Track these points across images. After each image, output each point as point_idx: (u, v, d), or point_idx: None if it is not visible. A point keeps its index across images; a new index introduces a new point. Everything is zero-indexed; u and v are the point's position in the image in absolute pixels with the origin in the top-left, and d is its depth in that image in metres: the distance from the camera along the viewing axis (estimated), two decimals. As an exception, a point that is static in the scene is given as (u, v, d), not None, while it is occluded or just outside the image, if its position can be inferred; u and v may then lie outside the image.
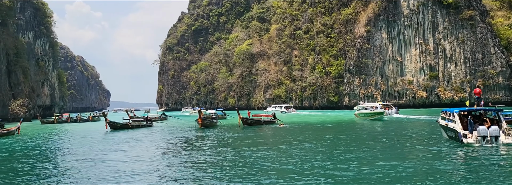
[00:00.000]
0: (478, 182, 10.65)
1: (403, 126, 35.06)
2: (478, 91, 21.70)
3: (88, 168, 14.84)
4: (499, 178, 11.12)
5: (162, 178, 12.65)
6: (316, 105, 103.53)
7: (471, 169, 12.71)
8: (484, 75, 78.51)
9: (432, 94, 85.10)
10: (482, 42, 79.90)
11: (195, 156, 17.68)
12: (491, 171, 12.28)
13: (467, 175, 11.72)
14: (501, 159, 14.72)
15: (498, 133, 18.00)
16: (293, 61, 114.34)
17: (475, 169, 12.73)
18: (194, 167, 14.57)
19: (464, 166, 13.38)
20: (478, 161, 14.19)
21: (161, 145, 23.49)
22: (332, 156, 16.29)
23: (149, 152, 20.02)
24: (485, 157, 14.95)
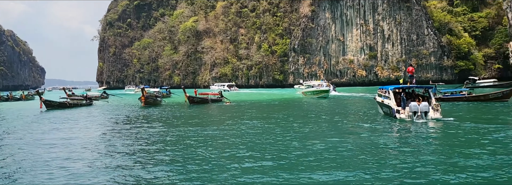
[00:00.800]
0: (409, 154, 11.52)
1: (344, 103, 36.63)
2: (411, 70, 23.10)
3: (20, 154, 14.09)
4: (427, 149, 12.11)
5: (102, 161, 12.36)
6: (262, 83, 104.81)
7: (402, 142, 13.70)
8: (418, 55, 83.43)
9: (371, 73, 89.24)
10: (417, 24, 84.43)
11: (137, 135, 17.38)
12: (420, 143, 13.32)
13: (399, 148, 12.63)
14: (429, 132, 15.97)
15: (427, 109, 19.37)
16: (239, 39, 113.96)
17: (406, 141, 13.74)
18: (136, 149, 14.35)
19: (397, 140, 14.37)
20: (409, 135, 15.30)
21: (101, 125, 22.77)
22: (279, 133, 16.75)
23: (88, 133, 19.35)
24: (415, 131, 16.14)
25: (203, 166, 10.68)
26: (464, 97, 32.11)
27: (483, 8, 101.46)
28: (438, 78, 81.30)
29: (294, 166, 10.27)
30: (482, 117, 20.88)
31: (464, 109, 26.02)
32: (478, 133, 15.05)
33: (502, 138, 13.69)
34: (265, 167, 10.27)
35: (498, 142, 12.94)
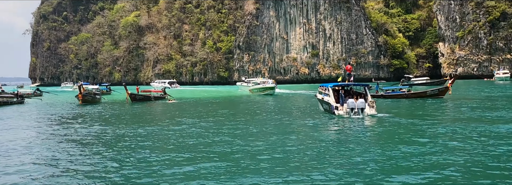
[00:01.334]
0: (345, 149, 12.06)
1: (288, 100, 37.42)
2: (349, 69, 24.13)
3: None
4: (364, 143, 12.75)
5: (34, 163, 11.67)
6: (207, 80, 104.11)
7: (341, 137, 14.29)
8: (357, 54, 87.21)
9: (313, 71, 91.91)
10: (356, 24, 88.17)
11: (72, 136, 16.59)
12: (357, 138, 13.98)
13: (338, 143, 13.17)
14: (365, 127, 16.80)
15: (364, 105, 20.35)
16: (183, 35, 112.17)
17: (345, 137, 14.35)
18: (69, 151, 13.70)
19: (336, 135, 14.96)
20: (347, 130, 16.01)
21: (32, 125, 21.43)
22: (223, 131, 16.76)
23: (18, 134, 18.14)
24: (353, 127, 16.91)
25: (142, 168, 10.43)
26: (405, 94, 34.02)
27: (415, 10, 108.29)
28: (375, 76, 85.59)
29: (237, 167, 10.35)
30: (414, 113, 22.31)
31: (402, 105, 27.63)
32: (408, 127, 16.08)
33: (430, 132, 14.74)
34: (208, 168, 10.25)
35: (425, 135, 13.92)
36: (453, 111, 22.74)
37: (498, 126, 15.63)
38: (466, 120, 18.11)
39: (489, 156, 10.44)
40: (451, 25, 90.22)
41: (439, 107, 25.46)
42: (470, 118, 19.14)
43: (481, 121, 17.45)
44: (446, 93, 32.57)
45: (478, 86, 51.04)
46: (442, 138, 13.49)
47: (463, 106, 25.44)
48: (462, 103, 27.62)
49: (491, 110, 22.26)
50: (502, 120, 17.55)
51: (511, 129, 14.92)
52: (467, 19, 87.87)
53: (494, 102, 27.86)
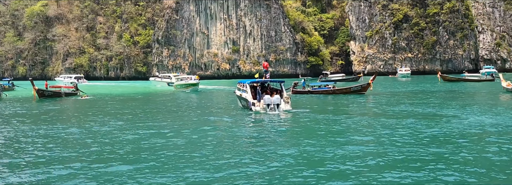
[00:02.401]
0: (262, 143, 12.57)
1: (209, 96, 37.48)
2: (266, 65, 24.95)
3: None
4: (277, 137, 13.38)
5: None
6: (124, 75, 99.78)
7: (257, 132, 14.82)
8: (276, 50, 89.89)
9: (234, 66, 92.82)
10: (275, 21, 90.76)
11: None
12: (270, 132, 14.62)
13: (254, 137, 13.66)
14: (279, 123, 17.59)
15: (279, 101, 21.21)
16: (97, 28, 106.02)
17: (261, 131, 14.91)
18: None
19: (252, 130, 15.48)
20: (262, 125, 16.64)
21: None
22: (139, 129, 16.38)
23: None
24: (268, 122, 17.60)
25: (50, 172, 9.91)
26: (330, 90, 35.58)
27: (330, 10, 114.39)
28: (293, 73, 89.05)
29: (156, 166, 10.29)
30: (331, 108, 23.83)
31: (326, 101, 29.22)
32: (321, 121, 17.17)
33: (341, 125, 15.92)
34: (126, 170, 10.05)
35: (335, 128, 15.01)
36: (369, 106, 24.72)
37: (403, 120, 17.36)
38: (377, 114, 19.81)
39: (395, 147, 11.63)
40: (361, 25, 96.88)
41: (357, 102, 27.49)
42: (380, 112, 20.96)
43: (388, 115, 19.21)
44: (367, 89, 34.74)
45: (385, 82, 55.63)
46: (351, 131, 14.67)
47: (379, 100, 27.85)
48: (380, 97, 30.22)
49: (399, 104, 24.57)
50: (405, 114, 19.50)
51: (413, 122, 16.66)
52: (375, 20, 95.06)
53: (401, 96, 30.78)
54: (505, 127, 14.82)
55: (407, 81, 60.02)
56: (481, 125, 15.32)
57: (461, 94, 33.15)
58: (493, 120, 16.54)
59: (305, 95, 35.11)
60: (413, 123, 16.13)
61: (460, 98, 28.89)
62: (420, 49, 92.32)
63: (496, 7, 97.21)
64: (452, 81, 53.64)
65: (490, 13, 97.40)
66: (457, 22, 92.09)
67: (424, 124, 15.91)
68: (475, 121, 16.51)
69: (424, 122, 16.34)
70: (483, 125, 15.30)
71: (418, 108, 21.91)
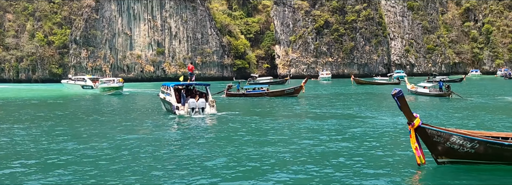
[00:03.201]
0: (183, 147, 12.23)
1: (133, 100, 35.88)
2: (191, 68, 24.52)
3: None
4: (198, 141, 13.12)
5: None
6: (36, 77, 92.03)
7: (180, 137, 14.42)
8: (202, 53, 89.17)
9: (159, 69, 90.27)
10: (202, 24, 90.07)
11: None
12: (194, 136, 14.31)
13: (176, 141, 13.25)
14: (203, 127, 17.33)
15: (204, 105, 20.95)
16: (6, 26, 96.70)
17: (184, 136, 14.54)
18: None
19: (175, 135, 15.03)
20: (185, 129, 16.25)
21: None
22: (55, 136, 15.10)
23: None
24: (192, 125, 17.25)
25: None
26: (265, 92, 35.82)
27: (255, 14, 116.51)
28: (220, 76, 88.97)
29: (67, 174, 9.50)
30: (256, 110, 24.00)
31: (258, 103, 29.32)
32: (244, 124, 17.22)
33: (264, 128, 16.08)
34: (33, 178, 9.13)
35: (257, 131, 15.14)
36: (296, 107, 25.29)
37: (325, 121, 18.00)
38: (300, 115, 20.34)
39: (312, 147, 11.96)
40: (285, 30, 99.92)
41: (288, 104, 28.16)
42: (305, 113, 21.56)
43: (311, 116, 19.84)
44: (300, 91, 35.78)
45: (309, 85, 57.68)
46: (271, 132, 14.88)
47: (307, 102, 28.81)
48: (309, 99, 31.25)
49: (323, 106, 25.51)
50: (328, 115, 20.28)
51: (335, 123, 17.34)
52: (298, 26, 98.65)
53: (323, 98, 32.07)
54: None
55: (328, 84, 63.06)
56: (393, 125, 16.46)
57: (375, 96, 35.58)
58: (402, 120, 17.87)
59: (239, 97, 35.17)
60: (335, 124, 16.84)
61: (374, 99, 30.95)
62: (340, 54, 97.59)
63: (405, 16, 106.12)
64: (363, 84, 57.69)
65: (400, 22, 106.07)
66: (372, 29, 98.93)
67: (345, 124, 16.69)
68: (388, 121, 17.71)
69: (344, 123, 17.14)
70: (396, 125, 16.45)
71: (339, 110, 23.00)
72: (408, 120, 8.94)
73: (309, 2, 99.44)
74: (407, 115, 8.85)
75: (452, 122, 17.63)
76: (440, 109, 23.40)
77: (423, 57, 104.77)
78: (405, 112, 8.76)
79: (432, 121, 17.95)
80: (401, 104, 8.57)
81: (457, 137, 9.10)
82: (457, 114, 20.57)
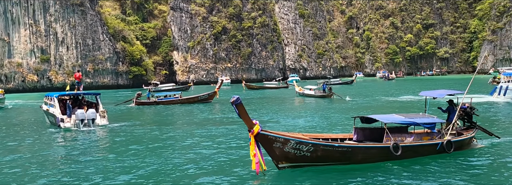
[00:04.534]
0: (65, 164, 11.22)
1: (13, 113, 32.00)
2: (78, 76, 22.76)
3: None
4: (82, 156, 12.18)
5: None
6: None
7: (66, 152, 13.22)
8: (94, 60, 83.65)
9: (44, 78, 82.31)
10: (92, 29, 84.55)
11: None
12: (81, 151, 13.25)
13: (57, 159, 12.11)
14: (94, 139, 16.17)
15: (95, 116, 19.59)
16: None
17: (69, 151, 13.35)
18: None
19: (57, 151, 13.73)
20: (73, 144, 14.96)
21: None
22: None
23: None
24: (80, 139, 15.98)
25: None
26: (178, 99, 34.65)
27: (151, 19, 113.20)
28: (114, 84, 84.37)
29: None
30: (155, 119, 23.14)
31: (159, 111, 28.04)
32: (136, 136, 16.49)
33: (157, 138, 15.55)
34: None
35: (149, 141, 14.60)
36: (203, 114, 24.86)
37: (223, 127, 18.03)
38: (202, 123, 20.09)
39: (201, 156, 11.88)
40: (183, 36, 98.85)
41: (197, 110, 27.75)
42: (207, 119, 21.35)
43: (212, 122, 19.72)
44: (214, 97, 35.38)
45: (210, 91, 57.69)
46: (165, 142, 14.48)
47: (220, 108, 28.69)
48: (224, 105, 31.18)
49: (223, 111, 25.57)
50: (225, 121, 20.38)
51: (235, 128, 17.46)
52: (196, 31, 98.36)
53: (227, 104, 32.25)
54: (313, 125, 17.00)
55: (228, 90, 63.84)
56: (294, 125, 17.23)
57: (271, 99, 37.03)
58: (303, 121, 18.83)
59: (150, 105, 33.63)
60: (234, 129, 17.01)
61: (272, 103, 32.18)
62: (238, 60, 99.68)
63: (297, 24, 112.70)
64: (254, 89, 59.71)
65: (293, 29, 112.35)
66: (267, 35, 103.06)
67: (241, 129, 16.97)
68: (291, 123, 18.51)
69: (242, 128, 17.43)
70: (296, 125, 17.25)
71: (234, 113, 23.34)
72: (248, 127, 8.98)
73: (206, 8, 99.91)
74: (247, 122, 8.86)
75: (331, 121, 19.08)
76: (323, 108, 25.28)
77: (314, 61, 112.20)
78: (244, 119, 8.77)
79: (314, 119, 19.26)
80: (239, 111, 8.58)
81: (293, 142, 9.41)
82: (336, 114, 22.34)
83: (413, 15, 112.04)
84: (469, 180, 8.84)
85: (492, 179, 8.90)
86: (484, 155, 11.32)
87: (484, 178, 8.99)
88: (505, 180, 8.84)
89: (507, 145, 12.43)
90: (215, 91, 35.56)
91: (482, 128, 13.08)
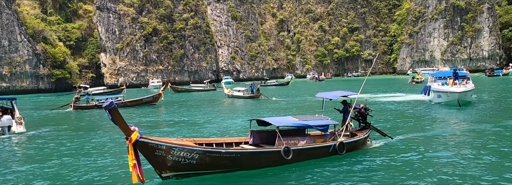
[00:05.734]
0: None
1: None
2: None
3: None
4: (6, 168, 11.21)
5: None
6: None
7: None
8: (11, 62, 77.18)
9: (-49, 82, 74.31)
10: (9, 29, 77.96)
11: None
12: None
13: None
14: (9, 149, 14.92)
15: (11, 123, 18.11)
16: None
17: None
18: None
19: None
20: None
21: None
22: None
23: None
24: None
25: None
26: (121, 102, 33.14)
27: (76, 19, 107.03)
28: (35, 88, 78.50)
29: None
30: (81, 124, 21.83)
31: (92, 116, 26.32)
32: (52, 143, 15.51)
33: (73, 144, 14.74)
34: None
35: (61, 150, 13.81)
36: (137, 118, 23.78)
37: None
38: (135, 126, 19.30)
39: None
40: (111, 37, 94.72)
41: (137, 114, 26.61)
42: (139, 122, 20.53)
43: (145, 127, 19.04)
44: (159, 99, 34.38)
45: (139, 94, 55.83)
46: (85, 149, 13.79)
47: (163, 111, 27.56)
48: (168, 107, 30.46)
49: (170, 113, 24.80)
50: (163, 124, 19.82)
51: (175, 130, 17.02)
52: (125, 33, 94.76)
53: (181, 105, 31.35)
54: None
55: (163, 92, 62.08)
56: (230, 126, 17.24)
57: (198, 102, 36.85)
58: (231, 121, 18.92)
59: (91, 110, 31.93)
60: (171, 133, 16.62)
61: (200, 105, 32.03)
62: (170, 62, 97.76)
63: (230, 26, 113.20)
64: (180, 91, 58.88)
65: (226, 31, 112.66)
66: (200, 37, 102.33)
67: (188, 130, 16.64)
68: (227, 124, 18.49)
69: (185, 129, 17.10)
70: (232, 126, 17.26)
71: (176, 117, 22.87)
72: (125, 134, 8.27)
73: (135, 8, 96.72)
74: (123, 128, 8.16)
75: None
76: (253, 109, 25.78)
77: (248, 63, 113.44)
78: (120, 125, 8.06)
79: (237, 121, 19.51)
80: (114, 117, 7.87)
81: (177, 149, 8.82)
82: (264, 112, 22.87)
83: (339, 19, 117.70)
84: (358, 181, 8.91)
85: (381, 180, 9.00)
86: (376, 155, 11.44)
87: (373, 179, 9.04)
88: (393, 180, 8.98)
89: (398, 145, 12.61)
90: (160, 93, 34.59)
91: (376, 128, 13.24)
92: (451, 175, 9.04)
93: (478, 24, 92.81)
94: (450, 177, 8.91)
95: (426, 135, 14.26)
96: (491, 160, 10.27)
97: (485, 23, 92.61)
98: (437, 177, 9.00)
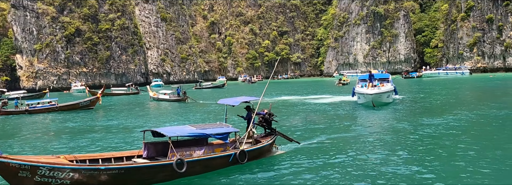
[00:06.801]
0: None
1: None
2: None
3: None
4: None
5: None
6: None
7: None
8: None
9: None
10: None
11: None
12: None
13: None
14: None
15: None
16: None
17: None
18: None
19: None
20: None
21: None
22: None
23: None
24: None
25: None
26: (55, 107, 31.71)
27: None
28: None
29: None
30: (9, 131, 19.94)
31: (25, 121, 23.98)
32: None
33: None
34: None
35: None
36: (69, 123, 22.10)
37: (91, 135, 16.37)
38: (59, 134, 17.92)
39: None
40: (28, 37, 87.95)
41: (68, 119, 24.96)
42: (64, 128, 19.13)
43: (72, 133, 17.76)
44: (96, 103, 32.92)
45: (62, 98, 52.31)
46: None
47: (99, 115, 26.39)
48: (108, 111, 29.16)
49: (107, 117, 23.27)
50: (96, 129, 18.60)
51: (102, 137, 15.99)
52: (44, 33, 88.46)
53: (117, 108, 29.48)
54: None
55: (84, 96, 58.87)
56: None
57: (120, 106, 35.57)
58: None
59: (20, 115, 29.57)
60: (100, 139, 15.67)
61: (137, 109, 30.94)
62: (95, 64, 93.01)
63: (159, 27, 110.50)
64: (102, 96, 56.63)
65: (155, 32, 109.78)
66: (128, 38, 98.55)
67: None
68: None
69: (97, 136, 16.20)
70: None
71: (104, 121, 21.68)
72: None
73: (56, 7, 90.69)
74: None
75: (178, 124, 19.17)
76: (179, 112, 25.47)
77: (178, 66, 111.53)
78: None
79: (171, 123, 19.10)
80: None
81: (45, 168, 7.73)
82: (190, 115, 22.62)
83: (270, 22, 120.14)
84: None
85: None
86: (280, 162, 10.95)
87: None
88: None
89: (304, 150, 12.34)
90: (98, 97, 33.12)
91: (282, 134, 12.72)
92: (358, 176, 9.44)
93: (395, 30, 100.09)
94: (358, 178, 9.30)
95: (335, 137, 14.51)
96: (401, 158, 10.93)
97: (401, 29, 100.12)
98: (344, 178, 9.38)
